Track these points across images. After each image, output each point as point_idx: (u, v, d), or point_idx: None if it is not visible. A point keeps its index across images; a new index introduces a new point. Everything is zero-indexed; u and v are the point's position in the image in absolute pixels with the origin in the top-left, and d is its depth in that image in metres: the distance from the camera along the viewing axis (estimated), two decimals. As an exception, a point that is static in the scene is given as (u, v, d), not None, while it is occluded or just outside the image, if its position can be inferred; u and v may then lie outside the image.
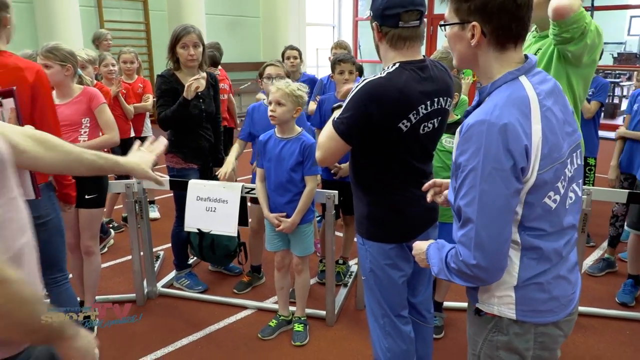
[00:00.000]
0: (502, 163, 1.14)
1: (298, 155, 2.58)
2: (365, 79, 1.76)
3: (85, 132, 2.79)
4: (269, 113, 2.60)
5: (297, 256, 2.79)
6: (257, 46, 11.47)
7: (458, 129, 1.24)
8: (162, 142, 1.69)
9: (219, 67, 4.68)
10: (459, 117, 2.84)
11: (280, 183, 2.64)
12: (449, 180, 1.53)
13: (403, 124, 1.76)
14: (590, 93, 3.88)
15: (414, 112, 1.77)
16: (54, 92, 2.74)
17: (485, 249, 1.17)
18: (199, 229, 3.01)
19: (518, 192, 1.19)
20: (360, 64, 3.32)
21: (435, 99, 1.83)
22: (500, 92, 1.22)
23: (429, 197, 1.60)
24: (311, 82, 4.14)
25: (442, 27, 1.31)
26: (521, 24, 1.23)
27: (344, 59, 3.20)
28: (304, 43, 12.07)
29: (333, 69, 3.22)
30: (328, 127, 1.83)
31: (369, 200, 1.92)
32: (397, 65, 1.77)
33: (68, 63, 2.65)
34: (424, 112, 1.80)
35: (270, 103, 2.59)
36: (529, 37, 2.51)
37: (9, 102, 1.80)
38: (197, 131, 3.18)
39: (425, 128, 1.83)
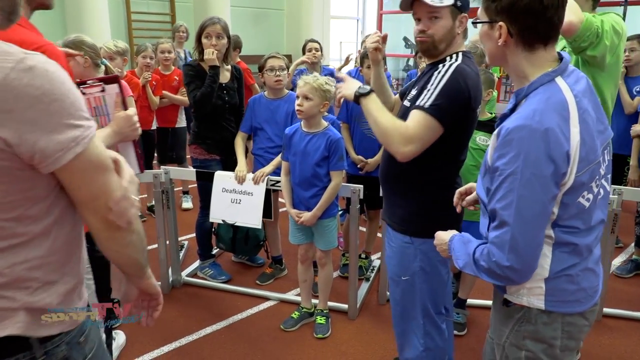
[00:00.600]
0: (542, 169, 1.15)
1: (324, 150, 2.58)
2: (449, 64, 1.76)
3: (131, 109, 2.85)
4: (296, 107, 2.59)
5: (320, 250, 2.79)
6: (280, 39, 11.48)
7: (495, 132, 1.25)
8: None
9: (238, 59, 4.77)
10: (493, 114, 2.81)
11: (305, 177, 2.65)
12: (470, 185, 1.60)
13: (477, 109, 1.81)
14: (638, 89, 3.78)
15: (482, 96, 1.83)
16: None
17: (520, 252, 1.19)
18: (230, 223, 3.06)
19: (555, 197, 1.20)
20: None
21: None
22: (538, 95, 1.22)
23: (458, 208, 1.65)
24: (331, 75, 4.13)
25: (474, 25, 1.33)
26: (550, 24, 1.23)
27: (367, 55, 3.17)
28: (328, 36, 12.04)
29: (362, 62, 3.20)
30: (416, 117, 1.70)
31: (421, 197, 1.88)
32: (460, 54, 1.81)
33: (86, 56, 2.59)
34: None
35: (297, 97, 2.59)
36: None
37: (114, 88, 1.83)
38: (220, 123, 3.19)
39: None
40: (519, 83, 1.30)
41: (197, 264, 3.56)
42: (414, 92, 1.86)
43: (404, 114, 1.83)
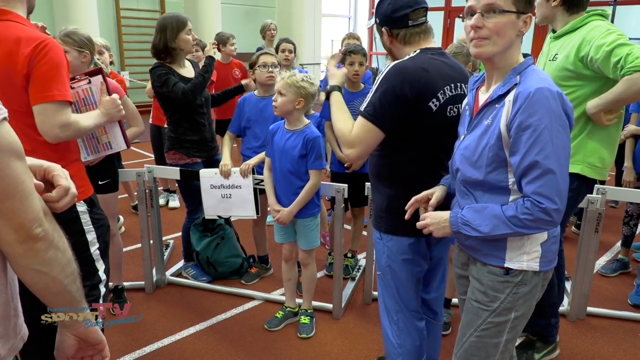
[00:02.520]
0: (564, 120, 1.37)
1: (301, 149, 2.57)
2: (388, 65, 1.78)
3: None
4: (273, 103, 2.59)
5: (302, 249, 2.79)
6: (271, 36, 11.44)
7: (511, 98, 1.40)
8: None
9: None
10: None
11: (284, 175, 2.65)
12: (427, 192, 1.72)
13: (433, 102, 1.76)
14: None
15: (441, 91, 1.77)
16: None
17: (562, 194, 1.37)
18: (226, 217, 3.03)
19: None
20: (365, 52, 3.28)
21: (459, 84, 1.83)
22: (534, 71, 1.44)
23: (407, 215, 1.74)
24: None
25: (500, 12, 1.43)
26: None
27: (354, 50, 3.17)
28: (319, 34, 12.03)
29: (343, 60, 3.19)
30: (358, 121, 1.78)
31: (390, 193, 1.89)
32: (417, 51, 1.81)
33: (85, 49, 2.58)
34: (450, 93, 1.80)
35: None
36: (547, 38, 2.45)
37: (98, 79, 2.16)
38: (198, 121, 3.11)
39: (451, 111, 1.82)
40: (505, 70, 1.48)
41: (182, 263, 3.54)
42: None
43: None
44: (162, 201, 4.79)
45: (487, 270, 1.55)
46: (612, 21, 10.00)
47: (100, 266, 1.98)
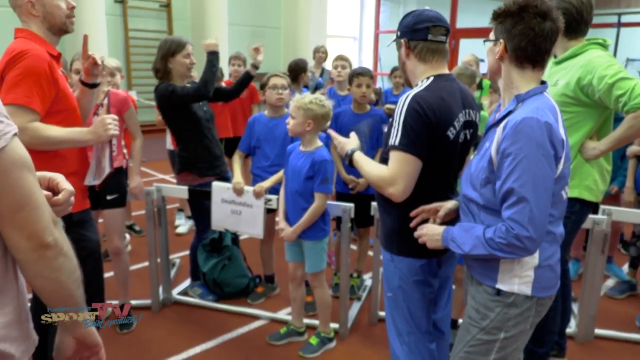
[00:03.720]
0: (548, 150, 1.41)
1: (308, 170, 2.62)
2: (406, 95, 1.80)
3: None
4: (287, 126, 2.67)
5: (307, 273, 2.82)
6: (277, 57, 11.61)
7: (502, 125, 1.49)
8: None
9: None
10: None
11: (293, 195, 2.70)
12: (437, 204, 1.81)
13: (450, 131, 1.80)
14: None
15: (457, 119, 1.82)
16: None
17: (536, 223, 1.40)
18: (232, 231, 3.06)
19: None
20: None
21: (467, 110, 1.89)
22: (535, 100, 1.50)
23: (413, 223, 1.82)
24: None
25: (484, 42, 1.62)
26: (537, 50, 1.52)
27: (362, 72, 3.24)
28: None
29: (350, 82, 3.26)
30: (393, 156, 1.77)
31: (401, 215, 1.90)
32: (431, 78, 1.85)
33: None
34: (462, 120, 1.85)
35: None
36: (550, 64, 2.50)
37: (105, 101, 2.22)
38: (208, 137, 3.15)
39: (462, 137, 1.88)
40: (508, 94, 1.58)
41: (188, 282, 3.57)
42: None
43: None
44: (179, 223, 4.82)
45: (482, 289, 1.62)
46: (616, 43, 10.10)
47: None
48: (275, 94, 3.13)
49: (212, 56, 3.12)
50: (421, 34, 1.85)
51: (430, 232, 1.71)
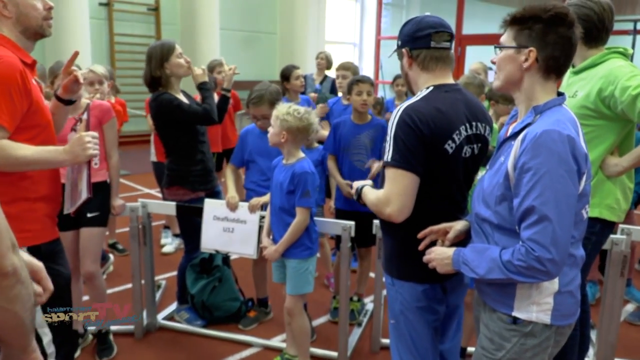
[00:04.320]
0: (571, 166, 1.40)
1: (289, 184, 2.61)
2: (399, 107, 1.79)
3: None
4: None
5: (287, 295, 2.74)
6: (272, 64, 11.67)
7: (520, 138, 1.47)
8: None
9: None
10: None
11: (275, 210, 2.70)
12: (446, 225, 1.78)
13: (449, 144, 1.78)
14: None
15: (457, 131, 1.80)
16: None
17: (559, 243, 1.38)
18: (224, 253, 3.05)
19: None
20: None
21: (474, 123, 1.86)
22: (555, 112, 1.49)
23: (421, 245, 1.78)
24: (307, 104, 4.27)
25: (499, 49, 1.58)
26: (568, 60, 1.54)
27: (362, 79, 3.25)
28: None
29: (350, 90, 3.26)
30: (387, 174, 1.77)
31: (402, 236, 1.88)
32: (430, 88, 1.84)
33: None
34: (465, 133, 1.83)
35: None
36: (567, 73, 2.50)
37: (84, 117, 2.11)
38: (202, 151, 3.17)
39: (467, 152, 1.85)
40: (526, 106, 1.56)
41: (175, 305, 3.52)
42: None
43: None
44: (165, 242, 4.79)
45: (496, 317, 1.59)
46: (633, 49, 10.18)
47: (45, 335, 1.67)
48: (269, 128, 3.11)
49: (204, 86, 3.12)
50: (423, 42, 1.84)
51: (440, 256, 1.68)
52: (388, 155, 1.76)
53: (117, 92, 4.53)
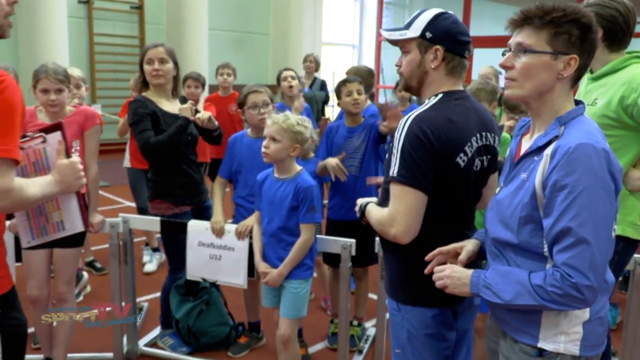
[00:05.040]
0: (609, 183, 1.39)
1: (292, 199, 2.60)
2: (406, 117, 1.77)
3: (75, 156, 2.86)
4: (262, 149, 2.63)
5: (282, 318, 2.70)
6: (265, 67, 11.73)
7: (549, 152, 1.43)
8: None
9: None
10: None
11: (273, 230, 2.67)
12: (456, 246, 1.75)
13: (460, 158, 1.77)
14: None
15: (469, 143, 1.79)
16: (40, 112, 2.85)
17: (598, 269, 1.36)
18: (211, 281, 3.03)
19: None
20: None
21: (484, 133, 1.86)
22: (581, 123, 1.47)
23: (427, 269, 1.74)
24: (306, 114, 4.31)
25: (530, 53, 1.49)
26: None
27: (348, 80, 3.26)
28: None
29: (339, 94, 3.28)
30: (392, 191, 1.74)
31: (408, 257, 1.86)
32: (439, 96, 1.82)
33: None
34: (476, 144, 1.82)
35: (264, 138, 2.64)
36: (584, 79, 2.50)
37: (56, 136, 1.92)
38: (187, 163, 3.14)
39: (477, 165, 1.84)
40: (549, 117, 1.51)
41: (158, 330, 3.49)
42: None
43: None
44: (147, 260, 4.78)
45: (519, 349, 1.54)
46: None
47: None
48: (257, 114, 3.09)
49: (182, 121, 3.01)
50: (462, 48, 1.83)
51: (456, 275, 1.62)
52: (394, 169, 1.73)
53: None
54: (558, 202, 1.38)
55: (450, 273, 1.63)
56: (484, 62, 5.43)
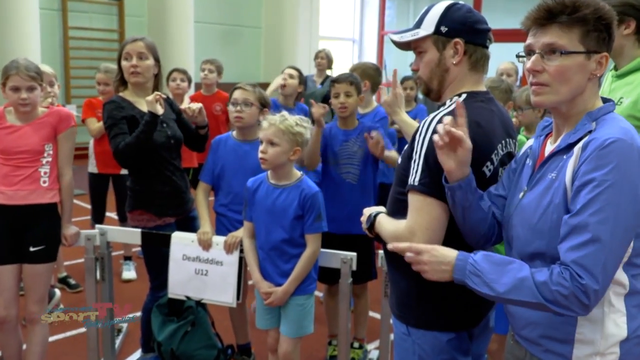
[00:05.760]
0: (638, 184, 1.38)
1: (297, 208, 2.60)
2: (430, 118, 1.74)
3: (47, 161, 2.84)
4: (259, 155, 2.61)
5: (285, 337, 2.70)
6: (256, 63, 11.76)
7: (580, 145, 1.43)
8: None
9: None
10: None
11: (274, 244, 2.65)
12: (431, 246, 1.61)
13: (487, 167, 1.76)
14: None
15: (495, 151, 1.77)
16: (9, 113, 2.85)
17: (608, 274, 1.36)
18: (196, 300, 3.03)
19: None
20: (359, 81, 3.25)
21: (507, 140, 1.85)
22: (614, 119, 1.48)
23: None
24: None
25: (565, 54, 1.47)
26: None
27: (338, 79, 3.26)
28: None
29: (330, 93, 3.29)
30: (412, 201, 1.70)
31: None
32: (463, 96, 1.79)
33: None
34: (501, 152, 1.81)
35: (260, 142, 2.62)
36: (608, 76, 2.52)
37: None
38: (170, 169, 3.11)
39: (499, 175, 1.82)
40: (575, 117, 1.51)
41: (139, 353, 3.48)
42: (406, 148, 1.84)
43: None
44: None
45: None
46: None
47: None
48: (234, 111, 3.07)
49: (148, 117, 2.92)
50: (482, 38, 1.82)
51: (436, 258, 1.54)
52: (414, 177, 1.69)
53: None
54: (581, 196, 1.38)
55: (429, 257, 1.54)
56: (496, 57, 5.44)
